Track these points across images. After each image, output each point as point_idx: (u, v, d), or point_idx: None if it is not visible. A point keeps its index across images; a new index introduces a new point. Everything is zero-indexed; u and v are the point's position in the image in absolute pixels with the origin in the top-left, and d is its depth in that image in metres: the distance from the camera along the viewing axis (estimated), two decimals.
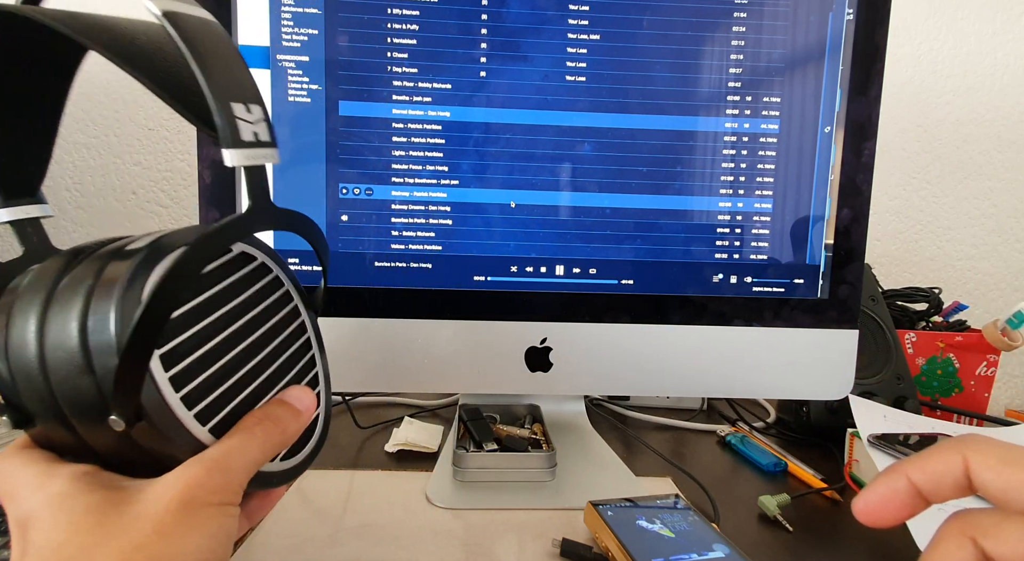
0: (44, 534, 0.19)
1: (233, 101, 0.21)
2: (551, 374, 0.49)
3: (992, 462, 0.17)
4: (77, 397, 0.20)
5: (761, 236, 0.49)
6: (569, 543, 0.37)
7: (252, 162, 0.22)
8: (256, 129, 0.22)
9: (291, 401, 0.25)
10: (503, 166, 0.47)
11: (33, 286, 0.21)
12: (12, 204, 0.26)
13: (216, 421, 0.22)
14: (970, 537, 0.16)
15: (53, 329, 0.20)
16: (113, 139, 0.83)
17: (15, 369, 0.21)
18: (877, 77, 0.47)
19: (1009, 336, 0.63)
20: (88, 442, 0.21)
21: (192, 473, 0.20)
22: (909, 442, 0.46)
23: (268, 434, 0.23)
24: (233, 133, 0.21)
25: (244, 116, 0.21)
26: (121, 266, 0.20)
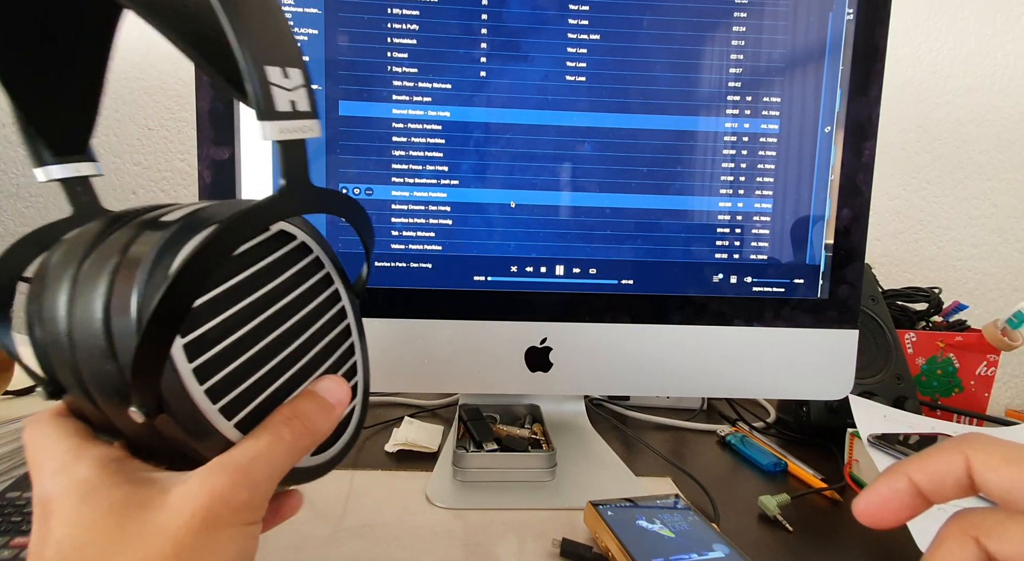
0: (65, 529, 0.19)
1: (268, 64, 0.19)
2: (551, 374, 0.49)
3: (995, 461, 0.17)
4: (102, 380, 0.19)
5: (761, 236, 0.49)
6: (569, 543, 0.37)
7: (287, 136, 0.20)
8: (294, 97, 0.20)
9: (323, 394, 0.23)
10: (503, 166, 0.47)
11: (66, 255, 0.20)
12: (62, 161, 0.24)
13: (244, 415, 0.21)
14: (973, 537, 0.16)
15: (79, 307, 0.19)
16: (113, 139, 0.83)
17: (48, 341, 0.20)
18: (877, 77, 0.47)
19: (1009, 336, 0.63)
20: (115, 424, 0.20)
21: (216, 485, 0.19)
22: (909, 442, 0.46)
23: (297, 435, 0.22)
24: (267, 101, 0.19)
25: (280, 82, 0.19)
26: (148, 243, 0.19)
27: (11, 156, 0.82)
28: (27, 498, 0.37)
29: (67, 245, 0.21)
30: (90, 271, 0.19)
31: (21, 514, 0.35)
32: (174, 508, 0.19)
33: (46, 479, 0.20)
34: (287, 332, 0.23)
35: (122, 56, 0.81)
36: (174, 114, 0.82)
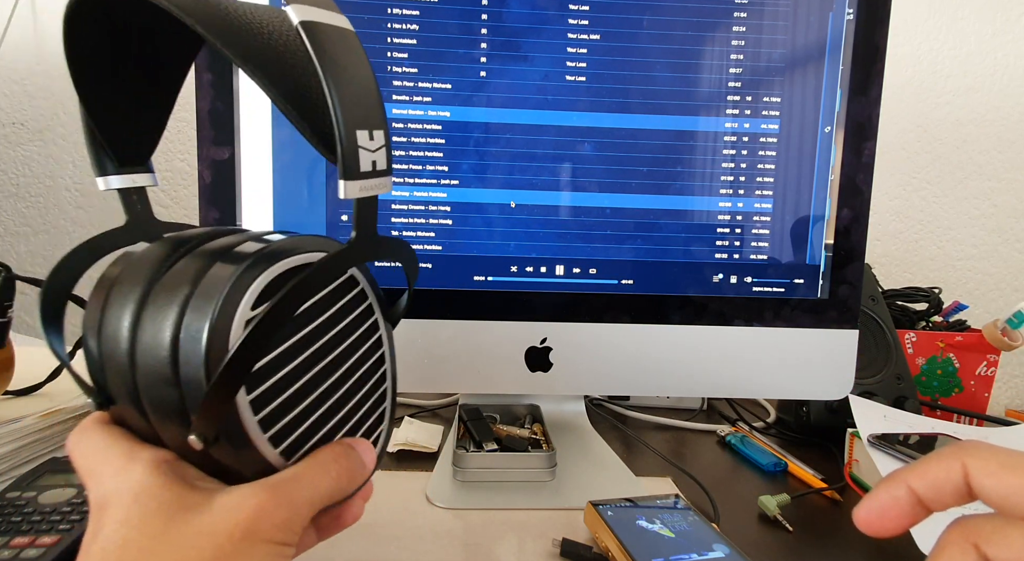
0: (115, 526, 0.19)
1: (359, 128, 0.20)
2: (551, 374, 0.49)
3: (992, 467, 0.17)
4: (160, 404, 0.20)
5: (761, 236, 0.49)
6: (569, 543, 0.37)
7: (366, 193, 0.21)
8: (376, 158, 0.21)
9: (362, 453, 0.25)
10: (503, 166, 0.47)
11: (132, 276, 0.21)
12: (124, 171, 0.25)
13: (288, 444, 0.22)
14: (972, 543, 0.16)
15: (146, 332, 0.20)
16: None
17: (105, 356, 0.20)
18: (877, 77, 0.47)
19: (1009, 336, 0.63)
20: (164, 441, 0.21)
21: (260, 502, 0.20)
22: (909, 442, 0.46)
23: (340, 475, 0.23)
24: (353, 164, 0.20)
25: (367, 145, 0.20)
26: (220, 278, 0.20)
27: (11, 156, 0.82)
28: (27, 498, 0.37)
29: (133, 263, 0.21)
30: (159, 298, 0.20)
31: (21, 514, 0.35)
32: (218, 515, 0.20)
33: (103, 481, 0.21)
34: (333, 362, 0.24)
35: None
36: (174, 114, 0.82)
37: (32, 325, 0.85)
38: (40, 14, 0.80)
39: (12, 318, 0.46)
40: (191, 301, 0.20)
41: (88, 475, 0.21)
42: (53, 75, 0.81)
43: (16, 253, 0.84)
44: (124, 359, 0.20)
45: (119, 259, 0.22)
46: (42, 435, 0.44)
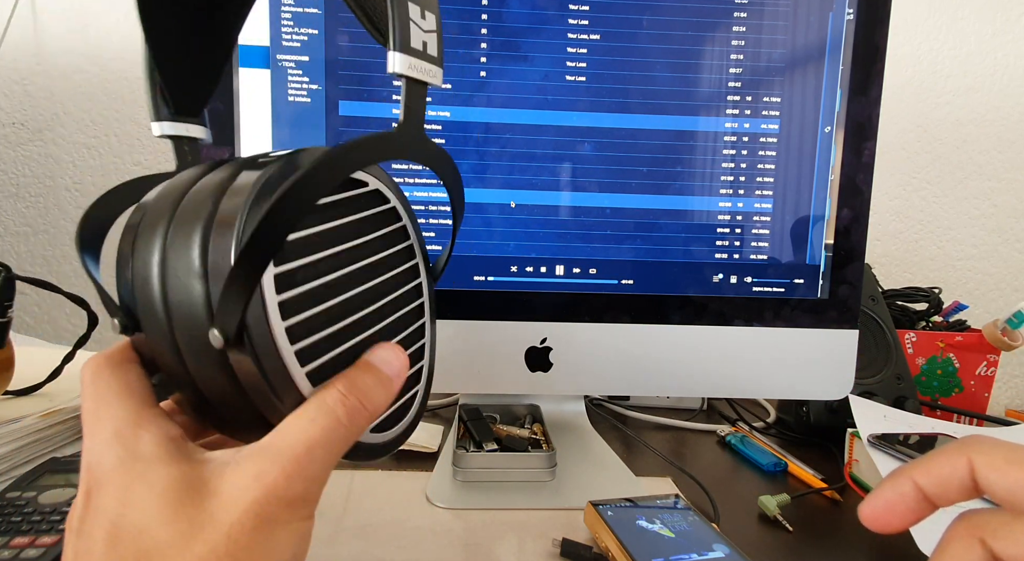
0: (119, 509, 0.18)
1: (412, 2, 0.20)
2: (551, 374, 0.49)
3: (998, 462, 0.17)
4: (186, 302, 0.19)
5: (761, 236, 0.49)
6: (569, 543, 0.37)
7: (415, 74, 0.20)
8: (427, 39, 0.20)
9: (380, 366, 0.22)
10: (503, 166, 0.47)
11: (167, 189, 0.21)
12: (178, 120, 0.26)
13: (315, 366, 0.20)
14: (978, 538, 0.16)
15: (179, 231, 0.19)
16: (113, 139, 0.83)
17: (138, 272, 0.20)
18: (877, 77, 0.47)
19: (1009, 336, 0.63)
20: (186, 365, 0.20)
21: (270, 478, 0.18)
22: (909, 442, 0.46)
23: (354, 415, 0.20)
24: (404, 35, 0.19)
25: (419, 21, 0.20)
26: (254, 174, 0.19)
27: (11, 156, 0.82)
28: (27, 498, 0.37)
29: (168, 183, 0.21)
30: (193, 199, 0.19)
31: (21, 514, 0.35)
32: (227, 498, 0.18)
33: (101, 443, 0.19)
34: (367, 293, 0.23)
35: (122, 56, 0.81)
36: None
37: (32, 325, 0.85)
38: (40, 14, 0.80)
39: (12, 318, 0.46)
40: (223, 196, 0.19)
41: (87, 422, 0.20)
42: (53, 75, 0.81)
43: (16, 253, 0.84)
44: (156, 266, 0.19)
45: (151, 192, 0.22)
46: (42, 435, 0.44)
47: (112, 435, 0.19)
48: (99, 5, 0.80)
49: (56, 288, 0.49)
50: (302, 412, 0.19)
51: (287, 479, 0.18)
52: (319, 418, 0.19)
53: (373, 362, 0.22)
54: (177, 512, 0.18)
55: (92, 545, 0.18)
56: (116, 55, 0.81)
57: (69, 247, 0.84)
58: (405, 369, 0.23)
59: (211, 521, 0.18)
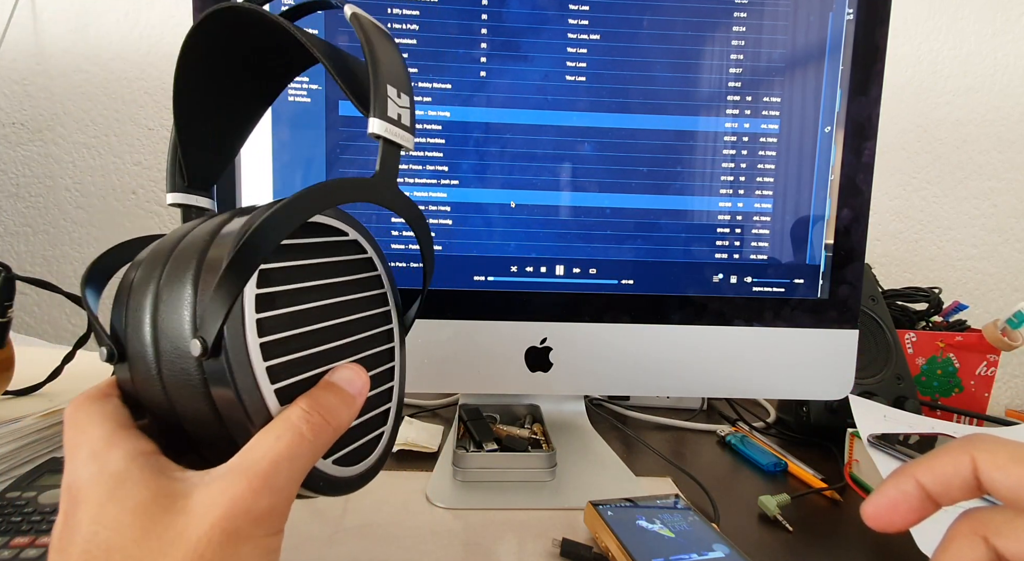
0: (92, 526, 0.19)
1: (390, 83, 0.24)
2: (551, 374, 0.49)
3: (1001, 460, 0.17)
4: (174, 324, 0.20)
5: (761, 236, 0.49)
6: (569, 543, 0.37)
7: (389, 136, 0.24)
8: (401, 112, 0.24)
9: (341, 384, 0.23)
10: (503, 166, 0.47)
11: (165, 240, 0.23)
12: (190, 192, 0.29)
13: (284, 384, 0.21)
14: (982, 536, 0.16)
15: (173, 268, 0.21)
16: (113, 139, 0.83)
17: (133, 306, 0.22)
18: (877, 77, 0.47)
19: (1009, 336, 0.63)
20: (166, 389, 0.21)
21: (237, 492, 0.19)
22: (909, 442, 0.46)
23: (318, 431, 0.21)
24: (382, 106, 0.23)
25: (395, 98, 0.24)
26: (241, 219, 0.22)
27: (11, 156, 0.82)
28: (27, 498, 0.37)
29: (169, 234, 0.24)
30: (190, 240, 0.22)
31: (21, 514, 0.35)
32: (195, 514, 0.18)
33: (79, 464, 0.20)
34: (339, 327, 0.25)
35: (122, 56, 0.81)
36: None
37: (32, 325, 0.85)
38: (40, 14, 0.80)
39: (12, 318, 0.46)
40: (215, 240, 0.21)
41: (67, 450, 0.21)
42: (53, 75, 0.81)
43: (16, 253, 0.84)
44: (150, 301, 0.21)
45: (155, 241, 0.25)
46: (42, 435, 0.44)
47: (87, 457, 0.20)
48: (99, 5, 0.80)
49: (56, 288, 0.49)
50: (268, 429, 0.20)
51: (253, 494, 0.19)
52: (284, 435, 0.20)
53: (335, 381, 0.23)
54: (147, 530, 0.18)
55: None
56: (116, 55, 0.81)
57: (69, 247, 0.84)
58: (366, 388, 0.24)
59: (180, 538, 0.18)
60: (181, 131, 0.28)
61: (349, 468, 0.25)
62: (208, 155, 0.29)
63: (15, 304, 0.46)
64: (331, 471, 0.24)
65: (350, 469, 0.25)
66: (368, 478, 0.26)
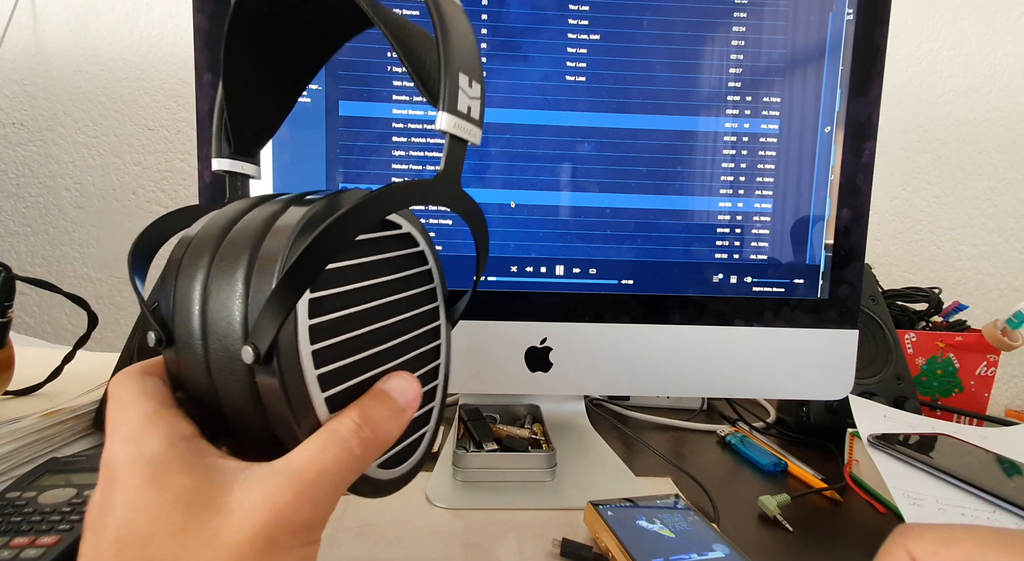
0: (129, 513, 0.18)
1: (462, 71, 0.22)
2: (551, 374, 0.49)
3: (932, 547, 0.19)
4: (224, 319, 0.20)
5: (761, 236, 0.49)
6: (569, 543, 0.37)
7: (458, 132, 0.22)
8: (471, 104, 0.23)
9: (393, 394, 0.22)
10: (503, 166, 0.47)
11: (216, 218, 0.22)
12: (236, 158, 0.28)
13: (334, 392, 0.21)
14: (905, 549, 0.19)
15: (225, 259, 0.20)
16: (113, 139, 0.83)
17: (181, 290, 0.21)
18: (877, 77, 0.47)
19: (1009, 336, 0.63)
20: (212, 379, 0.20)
21: (280, 500, 0.18)
22: (909, 442, 0.46)
23: (367, 445, 0.20)
24: (452, 99, 0.22)
25: (466, 88, 0.22)
26: (297, 213, 0.21)
27: (11, 156, 0.82)
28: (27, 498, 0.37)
29: (217, 213, 0.23)
30: (243, 228, 0.21)
31: (21, 514, 0.35)
32: (236, 516, 0.18)
33: (117, 443, 0.20)
34: (389, 328, 0.24)
35: (122, 57, 0.81)
36: (174, 114, 0.82)
37: (32, 325, 0.85)
38: (40, 14, 0.80)
39: (12, 318, 0.46)
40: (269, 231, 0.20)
41: (108, 424, 0.20)
42: (53, 75, 0.81)
43: (16, 253, 0.84)
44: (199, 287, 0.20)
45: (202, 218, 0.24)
46: (42, 435, 0.44)
47: (127, 436, 0.20)
48: (99, 5, 0.80)
49: (56, 288, 0.49)
50: (316, 438, 0.20)
51: (296, 504, 0.18)
52: (331, 446, 0.19)
53: (387, 390, 0.22)
54: (185, 525, 0.18)
55: (102, 546, 0.18)
56: (116, 55, 0.81)
57: (69, 247, 0.84)
58: (418, 399, 0.23)
59: (218, 538, 0.18)
60: (230, 94, 0.26)
61: (392, 470, 0.24)
62: (256, 120, 0.28)
63: (15, 304, 0.46)
64: (375, 475, 0.23)
65: (392, 471, 0.24)
66: (408, 479, 0.25)
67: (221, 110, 0.27)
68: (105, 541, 0.18)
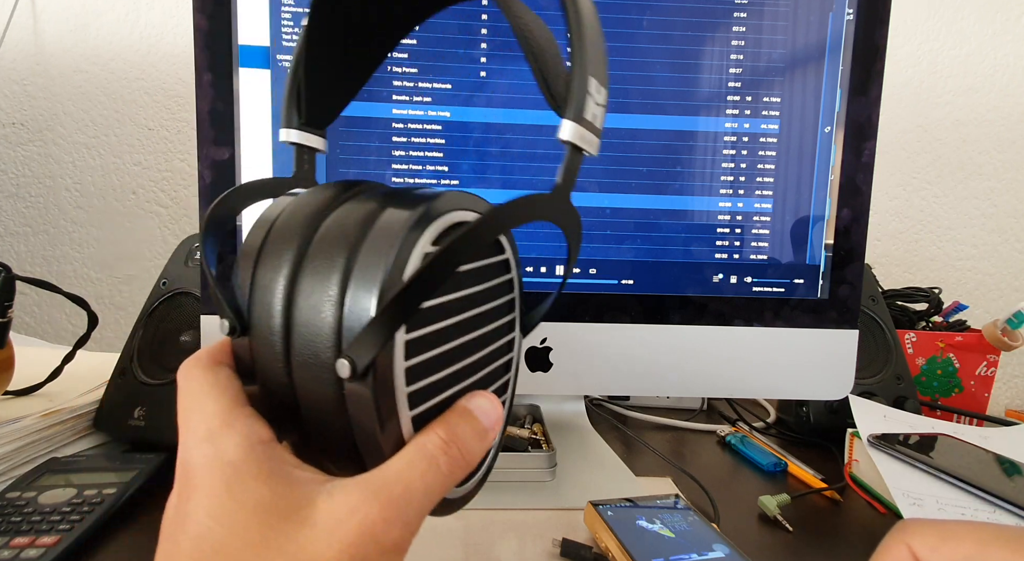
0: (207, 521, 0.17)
1: (592, 76, 0.21)
2: (551, 374, 0.49)
3: (933, 542, 0.19)
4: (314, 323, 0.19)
5: (761, 236, 0.49)
6: (569, 543, 0.37)
7: (582, 143, 0.21)
8: (596, 112, 0.22)
9: (477, 414, 0.21)
10: (503, 166, 0.47)
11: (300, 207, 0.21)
12: (306, 130, 0.27)
13: (420, 410, 0.20)
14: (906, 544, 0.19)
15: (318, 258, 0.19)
16: (113, 139, 0.83)
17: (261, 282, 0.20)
18: (877, 77, 0.47)
19: (1009, 336, 0.63)
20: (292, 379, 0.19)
21: (368, 517, 0.17)
22: (909, 442, 0.46)
23: (453, 464, 0.19)
24: (580, 106, 0.21)
25: (594, 94, 0.21)
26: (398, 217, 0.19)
27: (11, 156, 0.82)
28: (27, 498, 0.37)
29: (299, 201, 0.21)
30: (336, 227, 0.20)
31: (21, 514, 0.35)
32: (322, 530, 0.17)
33: (193, 444, 0.19)
34: (472, 342, 0.23)
35: (122, 57, 0.81)
36: (174, 114, 0.82)
37: (32, 325, 0.85)
38: (40, 14, 0.80)
39: (12, 318, 0.46)
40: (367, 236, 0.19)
41: (182, 421, 0.20)
42: (53, 75, 0.81)
43: (16, 253, 0.84)
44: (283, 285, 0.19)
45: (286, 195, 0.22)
46: (42, 435, 0.44)
47: (203, 436, 0.19)
48: (99, 5, 0.80)
49: (56, 288, 0.49)
50: (403, 455, 0.19)
51: (386, 522, 0.17)
52: (419, 463, 0.19)
53: (472, 409, 0.21)
54: (267, 538, 0.17)
55: (178, 554, 0.18)
56: (116, 55, 0.81)
57: (69, 247, 0.84)
58: (500, 422, 0.22)
59: (302, 552, 0.17)
60: (310, 62, 0.25)
61: (460, 488, 0.23)
62: (331, 91, 0.27)
63: (15, 304, 0.46)
64: (450, 494, 0.22)
65: (461, 489, 0.23)
66: (471, 497, 0.24)
67: (296, 77, 0.25)
68: (182, 550, 0.18)
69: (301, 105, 0.26)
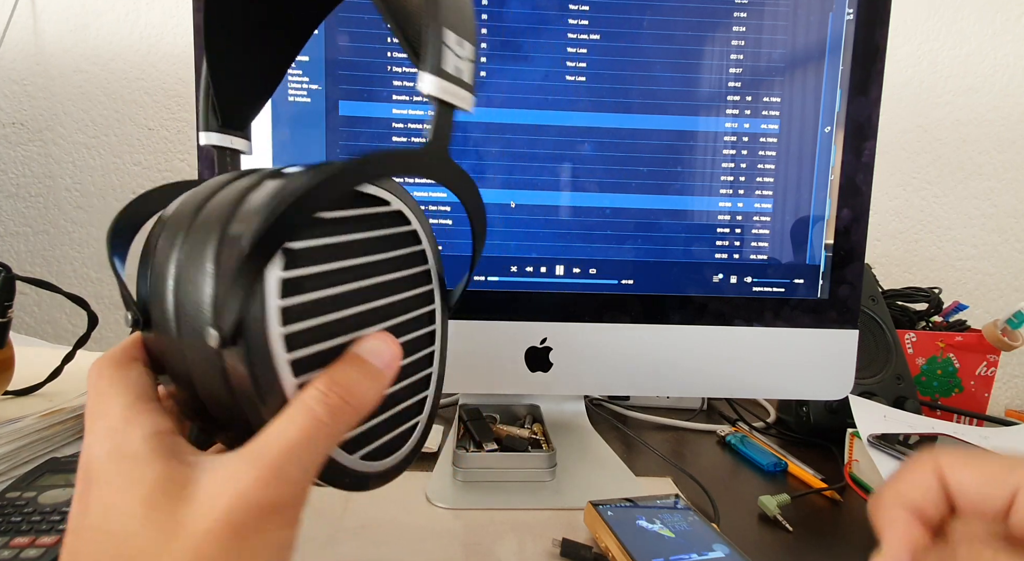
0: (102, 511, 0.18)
1: (448, 28, 0.20)
2: (551, 374, 0.49)
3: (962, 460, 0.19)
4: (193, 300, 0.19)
5: (761, 236, 0.49)
6: (569, 543, 0.37)
7: (445, 96, 0.20)
8: (461, 65, 0.21)
9: (367, 357, 0.20)
10: (503, 166, 0.47)
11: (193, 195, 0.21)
12: (224, 132, 0.27)
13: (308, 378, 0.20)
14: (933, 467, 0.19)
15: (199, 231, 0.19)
16: (113, 139, 0.83)
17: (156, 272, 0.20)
18: (877, 77, 0.47)
19: (1009, 336, 0.63)
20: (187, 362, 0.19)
21: (242, 483, 0.17)
22: (909, 442, 0.46)
23: (336, 412, 0.19)
24: (436, 58, 0.20)
25: (454, 47, 0.20)
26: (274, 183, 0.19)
27: (11, 156, 0.82)
28: (27, 498, 0.37)
29: (195, 190, 0.21)
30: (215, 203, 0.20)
31: (21, 514, 0.35)
32: (199, 505, 0.17)
33: (93, 442, 0.19)
34: (374, 311, 0.22)
35: (122, 56, 0.81)
36: (174, 114, 0.82)
37: (32, 325, 0.85)
38: (40, 14, 0.80)
39: (12, 318, 0.46)
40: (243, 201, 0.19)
41: (87, 417, 0.20)
42: (53, 75, 0.81)
43: (16, 253, 0.84)
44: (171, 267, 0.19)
45: None
46: (42, 435, 0.44)
47: (106, 432, 0.19)
48: (99, 5, 0.80)
49: (56, 288, 0.49)
50: (283, 413, 0.19)
51: (262, 485, 0.17)
52: (297, 418, 0.18)
53: (359, 353, 0.20)
54: (152, 518, 0.17)
55: (81, 545, 0.18)
56: (116, 55, 0.81)
57: (69, 247, 0.84)
58: (396, 359, 0.21)
59: (182, 529, 0.17)
60: (213, 64, 0.25)
61: (378, 462, 0.23)
62: (243, 91, 0.27)
63: (15, 304, 0.46)
64: (358, 467, 0.22)
65: (379, 463, 0.23)
66: (398, 472, 0.24)
67: (207, 84, 0.25)
68: (85, 541, 0.18)
69: (216, 107, 0.26)
